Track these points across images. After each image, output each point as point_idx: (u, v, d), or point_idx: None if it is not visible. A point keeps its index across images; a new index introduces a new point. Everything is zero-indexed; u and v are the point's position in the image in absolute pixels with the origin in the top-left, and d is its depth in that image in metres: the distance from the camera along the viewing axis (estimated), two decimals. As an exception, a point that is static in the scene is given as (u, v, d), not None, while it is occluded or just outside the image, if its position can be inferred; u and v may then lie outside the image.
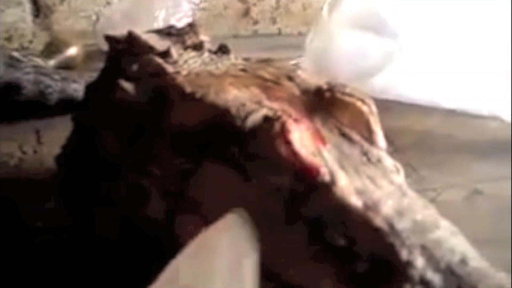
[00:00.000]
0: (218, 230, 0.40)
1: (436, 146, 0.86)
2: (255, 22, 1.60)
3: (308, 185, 0.40)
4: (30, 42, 1.41)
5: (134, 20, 1.29)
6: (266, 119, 0.43)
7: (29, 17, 1.40)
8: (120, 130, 0.51)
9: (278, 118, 0.43)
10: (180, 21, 1.31)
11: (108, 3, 1.44)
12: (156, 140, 0.48)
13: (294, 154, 0.41)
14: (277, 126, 0.42)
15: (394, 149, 0.80)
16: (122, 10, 1.33)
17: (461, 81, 0.99)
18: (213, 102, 0.45)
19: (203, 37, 0.66)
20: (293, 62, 1.18)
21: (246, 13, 1.58)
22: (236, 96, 0.45)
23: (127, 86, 0.51)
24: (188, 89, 0.46)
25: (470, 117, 0.96)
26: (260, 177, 0.42)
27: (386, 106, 0.95)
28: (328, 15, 1.09)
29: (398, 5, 1.03)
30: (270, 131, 0.42)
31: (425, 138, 0.88)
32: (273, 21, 1.62)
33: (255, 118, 0.43)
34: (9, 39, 1.39)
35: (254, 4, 1.58)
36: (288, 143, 0.42)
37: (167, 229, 0.46)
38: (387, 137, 0.81)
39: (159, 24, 1.30)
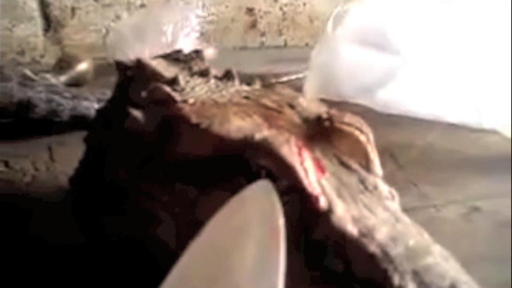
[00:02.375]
0: (246, 195, 0.43)
1: (438, 162, 0.88)
2: (262, 34, 1.63)
3: (311, 211, 0.43)
4: (42, 56, 1.44)
5: (143, 34, 1.31)
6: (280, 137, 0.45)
7: (40, 32, 1.42)
8: (129, 156, 0.54)
9: (291, 138, 0.45)
10: (188, 36, 1.34)
11: (118, 18, 1.47)
12: (164, 168, 0.50)
13: (306, 176, 0.44)
14: (293, 146, 0.45)
15: (398, 166, 0.83)
16: (131, 25, 1.35)
17: (462, 95, 1.01)
18: (218, 132, 0.47)
19: (210, 50, 0.68)
20: (299, 75, 1.21)
21: (253, 25, 1.61)
22: (239, 127, 0.47)
23: (137, 114, 0.53)
24: (194, 120, 0.49)
25: (471, 131, 0.98)
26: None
27: (388, 120, 0.99)
28: (333, 31, 1.11)
29: (401, 21, 1.05)
30: (287, 150, 0.44)
31: (427, 153, 0.90)
32: (280, 33, 1.64)
33: (265, 136, 0.45)
34: (21, 53, 1.42)
35: (261, 17, 1.60)
36: (303, 163, 0.44)
37: (177, 251, 0.48)
38: (391, 153, 0.84)
39: (168, 38, 1.32)
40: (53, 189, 0.78)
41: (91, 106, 0.94)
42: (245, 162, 0.45)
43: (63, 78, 1.12)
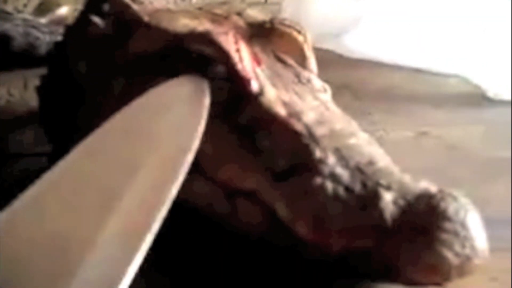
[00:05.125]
0: (175, 81, 0.48)
1: (394, 97, 0.91)
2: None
3: (242, 92, 0.47)
4: (25, 5, 1.46)
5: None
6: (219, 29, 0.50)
7: (23, -19, 1.45)
8: (91, 60, 0.58)
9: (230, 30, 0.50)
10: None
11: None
12: (115, 66, 0.54)
13: (240, 61, 0.48)
14: (231, 36, 0.49)
15: (355, 98, 0.86)
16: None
17: (426, 41, 1.04)
18: (166, 28, 0.51)
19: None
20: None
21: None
22: (185, 24, 0.51)
23: (98, 21, 0.58)
24: (146, 19, 0.53)
25: (432, 74, 1.01)
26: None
27: (353, 63, 1.02)
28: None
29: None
30: (224, 38, 0.48)
31: (385, 90, 0.93)
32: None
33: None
34: (4, 1, 1.44)
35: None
36: (238, 50, 0.48)
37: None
38: (351, 87, 0.87)
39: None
40: (25, 113, 0.81)
41: (66, 41, 0.97)
42: (186, 51, 0.49)
43: (43, 20, 1.15)
